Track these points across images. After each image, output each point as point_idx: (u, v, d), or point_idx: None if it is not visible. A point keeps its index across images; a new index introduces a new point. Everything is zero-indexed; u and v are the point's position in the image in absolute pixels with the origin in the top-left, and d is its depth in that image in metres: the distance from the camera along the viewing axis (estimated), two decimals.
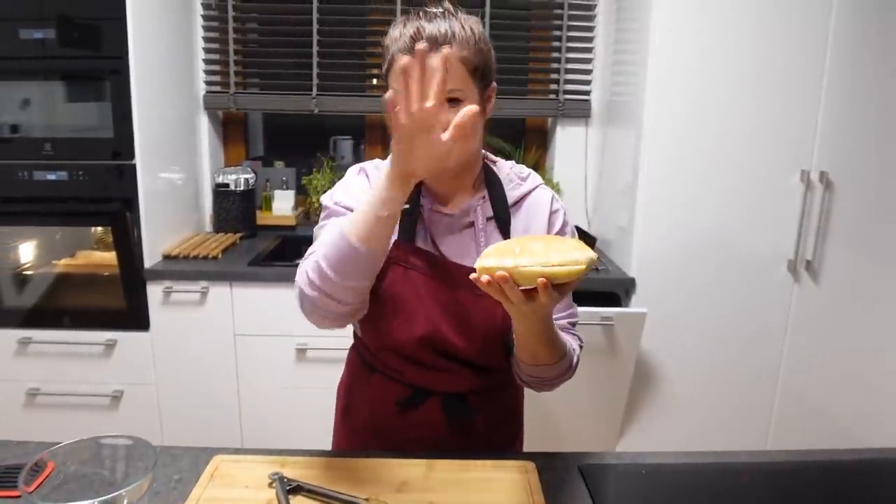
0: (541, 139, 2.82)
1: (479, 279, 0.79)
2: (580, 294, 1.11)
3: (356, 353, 1.19)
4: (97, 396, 2.20)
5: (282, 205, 2.69)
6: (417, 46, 0.77)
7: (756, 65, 2.01)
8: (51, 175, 2.07)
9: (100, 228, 2.27)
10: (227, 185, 2.53)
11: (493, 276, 0.77)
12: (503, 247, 0.81)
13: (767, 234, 2.12)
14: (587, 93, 2.63)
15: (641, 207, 2.11)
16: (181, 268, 2.16)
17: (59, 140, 2.06)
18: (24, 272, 2.25)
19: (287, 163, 2.78)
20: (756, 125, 2.05)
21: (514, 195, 1.07)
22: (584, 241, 0.83)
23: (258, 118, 3.00)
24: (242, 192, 2.54)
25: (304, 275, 0.93)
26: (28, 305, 2.20)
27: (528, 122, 2.80)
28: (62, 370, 2.18)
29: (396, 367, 1.10)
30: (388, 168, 0.85)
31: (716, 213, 2.11)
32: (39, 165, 2.06)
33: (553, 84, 2.65)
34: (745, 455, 1.11)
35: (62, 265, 2.28)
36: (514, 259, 0.77)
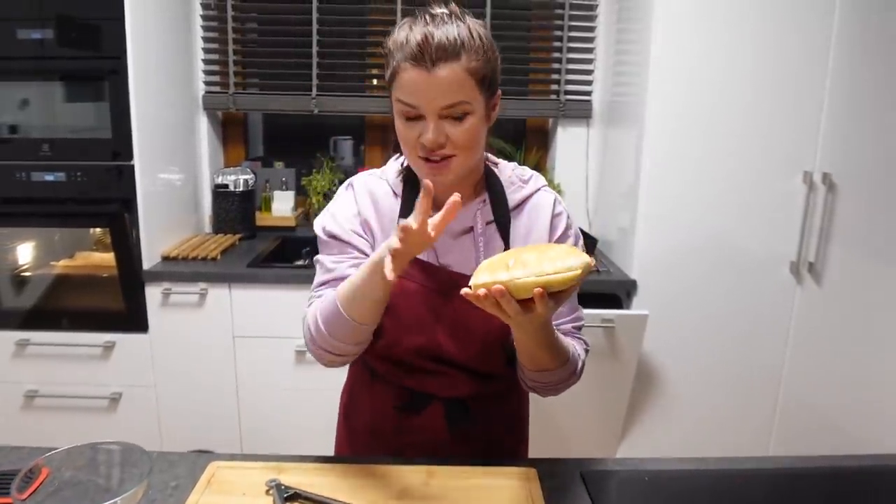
0: (542, 140, 2.81)
1: (475, 294, 0.79)
2: (581, 296, 1.10)
3: (359, 358, 1.18)
4: (96, 398, 2.19)
5: (281, 206, 2.68)
6: (426, 185, 0.82)
7: (758, 65, 2.00)
8: (49, 176, 2.06)
9: (99, 229, 2.26)
10: (227, 186, 2.52)
11: (490, 290, 0.77)
12: (496, 261, 0.81)
13: (770, 236, 2.11)
14: (588, 93, 2.62)
15: (643, 209, 2.10)
16: (180, 269, 2.15)
17: (58, 141, 2.05)
18: (23, 273, 2.24)
19: (287, 163, 2.77)
20: (758, 126, 2.03)
21: (516, 198, 1.06)
22: (585, 243, 0.83)
23: (258, 118, 2.98)
24: (242, 193, 2.54)
25: (308, 329, 0.99)
26: (26, 307, 2.19)
27: (529, 123, 2.79)
28: (60, 372, 2.18)
29: (395, 374, 1.09)
30: (381, 261, 0.86)
31: (718, 215, 2.09)
32: (37, 166, 2.05)
33: (554, 84, 2.64)
34: (748, 461, 1.11)
35: (61, 266, 2.27)
36: (509, 273, 0.77)
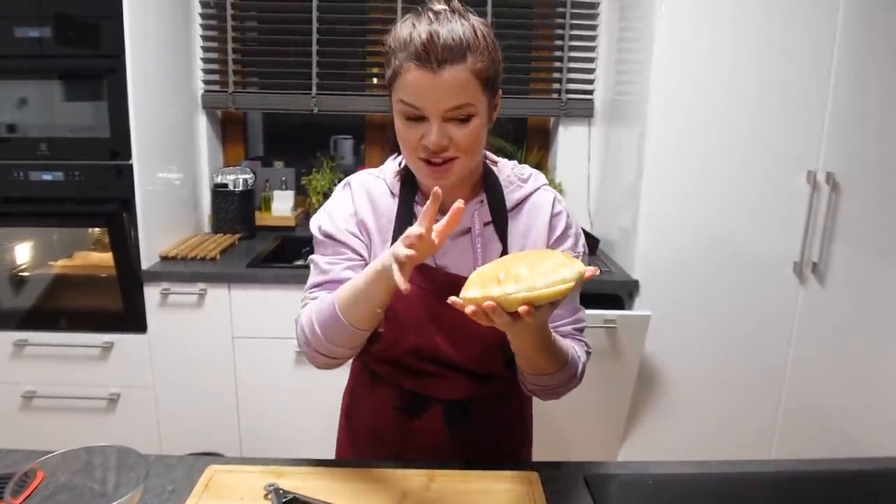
0: (543, 139, 2.79)
1: (465, 309, 0.78)
2: (582, 296, 1.09)
3: (360, 360, 1.17)
4: (94, 399, 2.18)
5: (281, 205, 2.67)
6: (435, 191, 0.81)
7: (762, 64, 1.98)
8: (46, 175, 2.05)
9: (97, 229, 2.24)
10: (226, 186, 2.51)
11: (481, 307, 0.76)
12: (488, 273, 0.79)
13: (773, 236, 2.09)
14: (590, 92, 2.60)
15: (645, 208, 2.08)
16: (179, 269, 2.14)
17: (55, 140, 2.04)
18: (21, 273, 2.23)
19: (286, 163, 2.76)
20: (762, 125, 2.02)
21: (514, 198, 1.04)
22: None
23: (257, 117, 2.97)
24: (241, 193, 2.52)
25: (303, 331, 0.98)
26: (24, 307, 2.18)
27: (531, 122, 2.77)
28: (59, 373, 2.16)
29: (395, 375, 1.08)
30: (384, 269, 0.85)
31: (721, 214, 2.08)
32: (35, 165, 2.04)
33: (555, 83, 2.62)
34: (751, 465, 1.10)
35: (59, 266, 2.26)
36: (500, 287, 0.76)
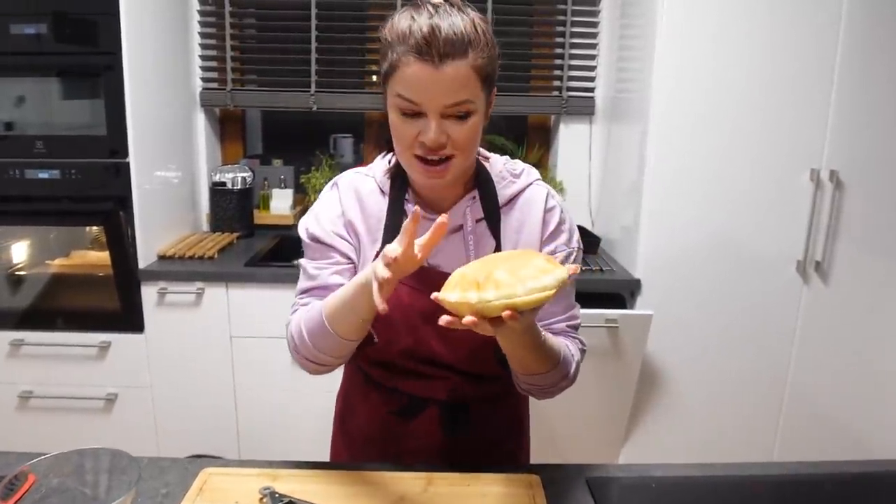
0: (543, 137, 2.77)
1: (440, 320, 0.75)
2: (583, 296, 1.07)
3: (353, 364, 1.15)
4: (91, 399, 2.16)
5: (280, 204, 2.66)
6: (415, 211, 0.78)
7: (765, 61, 1.96)
8: (43, 173, 2.03)
9: (94, 228, 2.23)
10: (224, 184, 2.49)
11: (461, 322, 0.75)
12: (468, 276, 0.78)
13: (776, 235, 2.08)
14: (591, 89, 2.58)
15: (647, 207, 2.07)
16: (176, 268, 2.12)
17: (52, 138, 2.02)
18: (17, 272, 2.22)
19: (285, 161, 2.74)
20: (765, 122, 2.00)
21: (506, 194, 1.02)
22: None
23: (256, 115, 2.95)
24: (240, 191, 2.51)
25: (292, 338, 0.98)
26: (21, 306, 2.16)
27: (531, 120, 2.76)
28: (55, 372, 2.15)
29: (388, 378, 1.07)
30: (368, 283, 0.83)
31: (723, 213, 2.06)
32: (32, 164, 2.02)
33: (556, 80, 2.60)
34: (754, 467, 1.08)
35: (56, 265, 2.24)
36: (479, 293, 0.75)
